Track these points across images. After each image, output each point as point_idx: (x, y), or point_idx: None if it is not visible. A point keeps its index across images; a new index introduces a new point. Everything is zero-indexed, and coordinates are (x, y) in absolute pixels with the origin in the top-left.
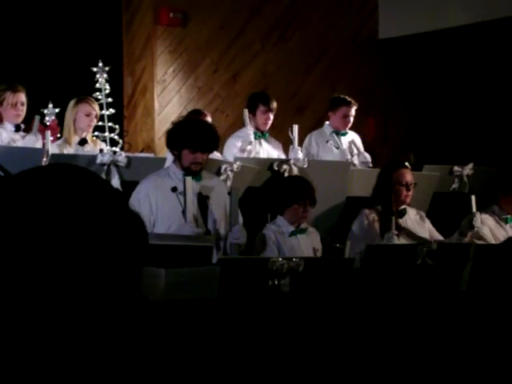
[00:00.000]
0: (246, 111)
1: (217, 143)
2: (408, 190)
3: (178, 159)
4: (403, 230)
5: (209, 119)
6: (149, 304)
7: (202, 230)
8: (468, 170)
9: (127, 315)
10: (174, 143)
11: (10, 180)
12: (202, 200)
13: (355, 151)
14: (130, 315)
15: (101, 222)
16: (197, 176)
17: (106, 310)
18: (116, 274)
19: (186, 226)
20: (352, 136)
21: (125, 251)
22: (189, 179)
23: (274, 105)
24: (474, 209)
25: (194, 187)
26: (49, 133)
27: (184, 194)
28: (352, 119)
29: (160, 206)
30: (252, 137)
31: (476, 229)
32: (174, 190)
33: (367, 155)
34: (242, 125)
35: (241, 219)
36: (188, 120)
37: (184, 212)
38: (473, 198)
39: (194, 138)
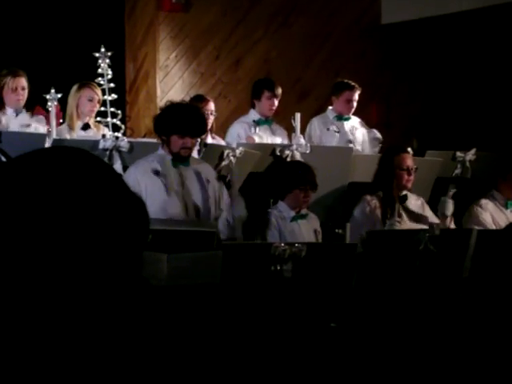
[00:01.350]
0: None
1: (205, 127)
2: (409, 174)
3: (166, 144)
4: (408, 214)
5: (211, 105)
6: (151, 289)
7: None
8: (471, 155)
9: (129, 299)
10: (162, 129)
11: (11, 163)
12: (202, 182)
13: (357, 136)
14: (132, 299)
15: (102, 205)
16: (185, 161)
17: (107, 295)
18: (117, 258)
19: (169, 201)
20: (355, 121)
21: (126, 235)
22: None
23: (279, 91)
24: (449, 196)
25: (184, 172)
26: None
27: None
28: (355, 104)
29: (150, 190)
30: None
31: (447, 215)
32: (157, 173)
33: (377, 132)
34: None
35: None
36: (175, 105)
37: (166, 189)
38: (451, 186)
39: (182, 122)
